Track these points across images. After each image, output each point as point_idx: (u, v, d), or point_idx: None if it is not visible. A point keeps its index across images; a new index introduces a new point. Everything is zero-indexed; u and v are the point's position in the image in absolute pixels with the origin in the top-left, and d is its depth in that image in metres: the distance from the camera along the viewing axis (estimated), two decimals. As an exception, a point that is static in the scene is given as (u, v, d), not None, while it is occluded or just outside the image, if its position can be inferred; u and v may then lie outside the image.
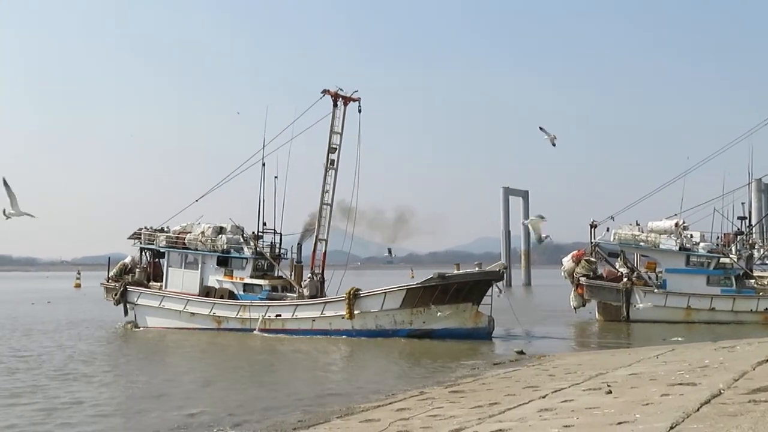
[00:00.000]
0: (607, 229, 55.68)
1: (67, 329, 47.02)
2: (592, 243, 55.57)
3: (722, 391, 13.48)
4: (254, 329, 42.72)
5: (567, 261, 55.01)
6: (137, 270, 48.60)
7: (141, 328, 46.58)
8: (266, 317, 43.11)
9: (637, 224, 55.78)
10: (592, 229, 55.90)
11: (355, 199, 45.85)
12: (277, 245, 47.61)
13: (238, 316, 43.96)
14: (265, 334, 42.13)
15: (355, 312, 41.49)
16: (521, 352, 33.01)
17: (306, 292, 44.14)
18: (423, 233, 59.55)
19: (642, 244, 54.15)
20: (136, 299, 47.44)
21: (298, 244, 47.73)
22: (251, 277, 45.28)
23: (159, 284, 47.54)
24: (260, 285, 44.92)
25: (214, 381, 27.69)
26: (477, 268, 42.90)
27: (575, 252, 55.67)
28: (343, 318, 41.68)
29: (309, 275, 45.32)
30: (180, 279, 46.51)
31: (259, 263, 46.22)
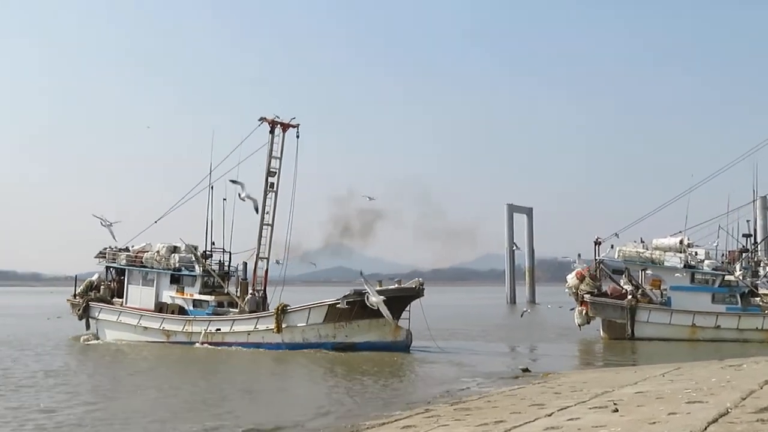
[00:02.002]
0: (612, 246, 55.63)
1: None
2: (596, 260, 55.47)
3: (730, 410, 13.39)
4: (197, 342, 45.18)
5: (571, 278, 54.92)
6: (102, 287, 51.39)
7: (100, 341, 48.87)
8: (208, 331, 45.51)
9: (642, 241, 55.70)
10: (597, 246, 55.83)
11: (291, 220, 48.06)
12: (226, 263, 50.02)
13: (184, 330, 46.40)
14: (208, 346, 44.59)
15: (283, 326, 43.86)
16: (526, 370, 32.91)
17: (246, 307, 46.21)
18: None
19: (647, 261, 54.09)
20: (97, 314, 50.37)
21: (244, 262, 49.77)
22: (200, 293, 47.89)
23: (121, 300, 50.10)
24: (207, 301, 47.54)
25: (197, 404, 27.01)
26: (396, 285, 44.29)
27: (579, 269, 55.50)
28: (273, 332, 43.89)
29: (251, 292, 47.30)
30: (138, 295, 49.38)
31: (208, 280, 48.64)
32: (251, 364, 39.46)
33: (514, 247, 55.65)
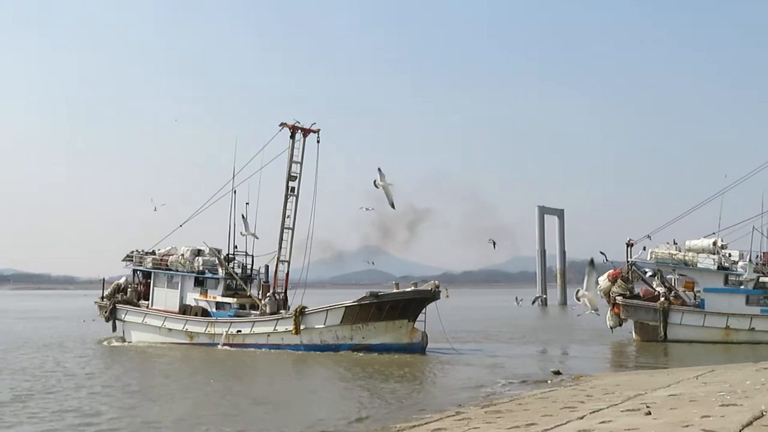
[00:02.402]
0: (644, 248, 55.15)
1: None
2: (628, 262, 55.01)
3: (765, 413, 13.22)
4: (219, 344, 45.79)
5: (603, 280, 54.43)
6: (129, 289, 52.09)
7: (128, 343, 49.77)
8: (229, 332, 46.05)
9: (675, 243, 55.16)
10: (629, 248, 55.37)
11: (312, 224, 48.49)
12: (248, 267, 50.64)
13: (206, 332, 47.01)
14: (229, 348, 45.13)
15: (302, 328, 44.19)
16: (557, 372, 32.66)
17: (267, 309, 46.65)
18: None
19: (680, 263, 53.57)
20: (123, 316, 51.05)
21: (266, 265, 50.34)
22: (222, 295, 48.38)
23: (147, 302, 50.82)
24: (230, 303, 47.97)
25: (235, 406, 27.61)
26: (412, 287, 44.57)
27: (611, 271, 55.07)
28: (291, 333, 44.28)
29: (269, 294, 47.77)
30: (164, 297, 50.05)
31: (231, 283, 49.12)
32: (276, 366, 39.50)
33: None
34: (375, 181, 47.95)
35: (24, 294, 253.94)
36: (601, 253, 57.77)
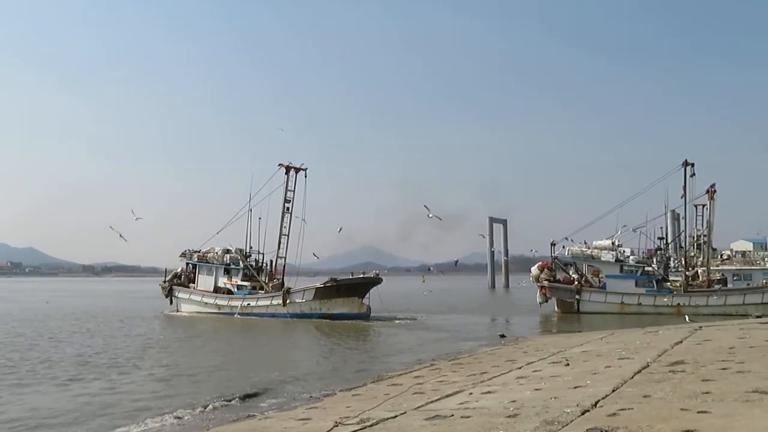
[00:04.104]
0: (563, 247, 55.31)
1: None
2: (552, 257, 55.11)
3: (650, 364, 13.21)
4: (236, 313, 47.30)
5: (534, 269, 54.67)
6: (182, 276, 53.76)
7: (180, 312, 51.44)
8: (242, 305, 47.70)
9: (585, 243, 55.33)
10: (552, 247, 55.55)
11: (303, 233, 50.22)
12: (260, 261, 52.35)
13: (228, 304, 48.84)
14: (242, 316, 46.49)
15: (288, 302, 45.55)
16: (503, 336, 32.44)
17: (268, 289, 48.60)
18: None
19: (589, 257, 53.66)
20: (177, 294, 52.78)
21: (270, 260, 51.88)
22: (241, 280, 50.15)
23: (194, 285, 52.50)
24: (246, 285, 49.76)
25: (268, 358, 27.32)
26: (362, 275, 46.51)
27: (540, 263, 55.27)
28: (281, 306, 45.76)
29: (275, 279, 50.06)
30: (204, 281, 51.82)
31: (247, 272, 50.68)
32: (283, 331, 38.24)
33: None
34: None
35: (122, 280, 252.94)
36: (532, 251, 57.84)
